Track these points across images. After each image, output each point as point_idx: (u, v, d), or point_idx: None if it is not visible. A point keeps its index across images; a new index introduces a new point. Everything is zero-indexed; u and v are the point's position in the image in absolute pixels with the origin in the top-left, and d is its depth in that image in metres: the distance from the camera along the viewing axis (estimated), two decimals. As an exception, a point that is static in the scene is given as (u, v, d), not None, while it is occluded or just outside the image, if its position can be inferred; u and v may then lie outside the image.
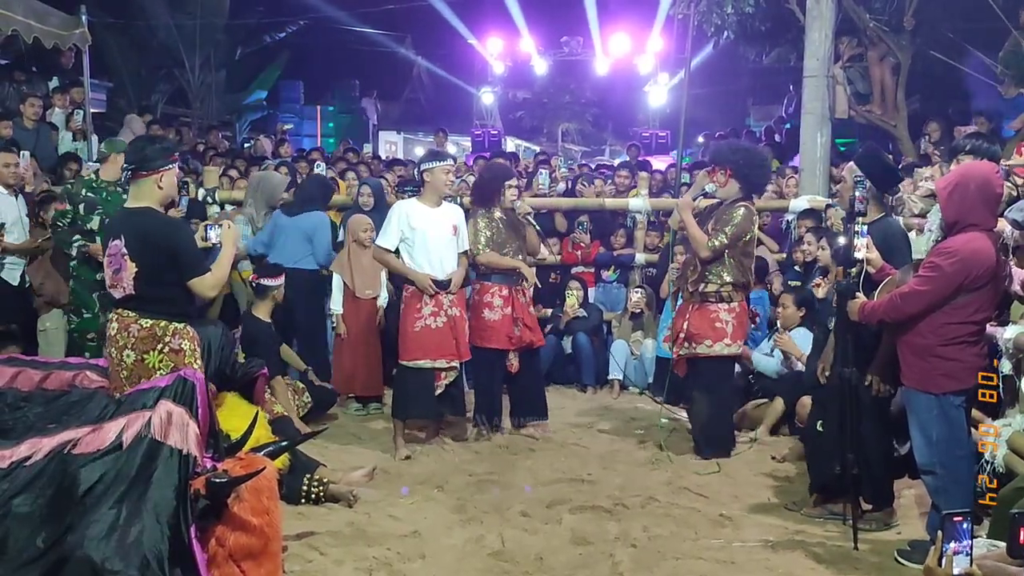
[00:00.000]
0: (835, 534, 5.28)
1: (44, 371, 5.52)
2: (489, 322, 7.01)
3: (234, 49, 20.29)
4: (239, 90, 21.17)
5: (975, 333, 4.66)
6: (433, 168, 6.73)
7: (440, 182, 6.76)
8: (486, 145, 18.73)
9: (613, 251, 9.30)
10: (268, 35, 21.04)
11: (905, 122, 10.16)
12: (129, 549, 3.93)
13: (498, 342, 7.03)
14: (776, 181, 9.46)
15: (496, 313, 7.01)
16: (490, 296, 7.03)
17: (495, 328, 7.00)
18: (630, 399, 8.59)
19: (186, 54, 19.32)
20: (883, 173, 5.27)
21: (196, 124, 18.55)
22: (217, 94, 20.43)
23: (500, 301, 7.01)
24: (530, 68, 21.38)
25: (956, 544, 3.12)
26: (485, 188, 7.22)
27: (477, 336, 7.05)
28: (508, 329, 7.01)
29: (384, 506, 5.65)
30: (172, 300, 4.79)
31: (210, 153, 12.61)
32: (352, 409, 7.84)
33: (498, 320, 7.00)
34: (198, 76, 19.68)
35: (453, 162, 7.20)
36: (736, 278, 6.69)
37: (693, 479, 6.31)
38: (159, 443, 4.17)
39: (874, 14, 9.94)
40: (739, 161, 6.68)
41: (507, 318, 7.00)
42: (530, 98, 28.99)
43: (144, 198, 4.81)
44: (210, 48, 19.46)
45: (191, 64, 19.47)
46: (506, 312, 7.00)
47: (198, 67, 19.59)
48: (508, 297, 7.02)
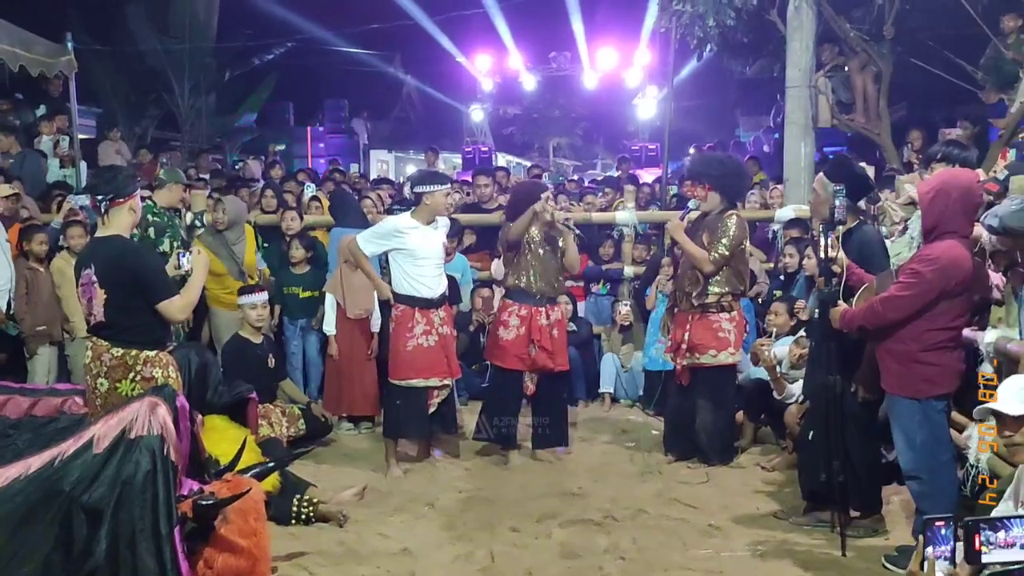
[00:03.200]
0: (823, 542, 5.31)
1: (33, 398, 5.57)
2: (502, 340, 6.91)
3: (223, 72, 20.25)
4: (229, 113, 21.14)
5: (954, 338, 4.72)
6: (434, 192, 6.71)
7: (440, 205, 6.80)
8: (476, 162, 18.70)
9: (602, 264, 9.33)
10: (256, 57, 20.98)
11: (888, 130, 10.20)
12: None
13: (506, 361, 6.92)
14: (760, 192, 9.51)
15: (511, 332, 6.89)
16: (507, 315, 6.94)
17: (506, 347, 6.89)
18: (621, 411, 8.61)
19: (175, 78, 19.28)
20: (854, 181, 5.33)
21: (187, 148, 18.57)
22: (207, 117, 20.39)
23: (516, 320, 6.89)
24: (519, 84, 21.45)
25: (937, 548, 3.14)
26: (522, 206, 6.98)
27: (491, 352, 7.08)
28: (521, 350, 6.88)
29: (374, 525, 5.67)
30: (142, 327, 4.81)
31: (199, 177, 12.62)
32: (344, 429, 7.84)
33: (511, 339, 6.88)
34: (187, 100, 19.64)
35: (451, 184, 7.18)
36: (735, 287, 6.76)
37: (683, 490, 6.34)
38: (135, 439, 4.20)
39: (854, 24, 10.00)
40: (714, 173, 6.76)
41: (521, 338, 6.87)
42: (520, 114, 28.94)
43: (115, 226, 4.84)
44: (198, 72, 19.42)
45: (180, 88, 19.42)
46: (521, 332, 6.87)
47: (187, 91, 19.57)
48: (526, 317, 6.89)
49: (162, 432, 4.26)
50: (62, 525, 4.12)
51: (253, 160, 15.30)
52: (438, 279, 6.79)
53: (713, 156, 7.36)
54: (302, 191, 10.41)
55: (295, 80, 22.94)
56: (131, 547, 4.06)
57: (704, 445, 6.88)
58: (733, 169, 6.95)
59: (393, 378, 6.75)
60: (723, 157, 7.32)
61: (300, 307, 8.33)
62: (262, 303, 7.39)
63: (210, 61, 19.56)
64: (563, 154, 30.64)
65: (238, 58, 20.54)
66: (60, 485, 4.16)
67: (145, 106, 19.64)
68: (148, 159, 13.07)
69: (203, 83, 19.67)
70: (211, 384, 5.88)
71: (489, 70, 20.48)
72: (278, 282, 8.34)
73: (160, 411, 4.31)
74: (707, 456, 6.85)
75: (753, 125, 20.47)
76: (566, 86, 24.38)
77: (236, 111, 21.42)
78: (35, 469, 4.25)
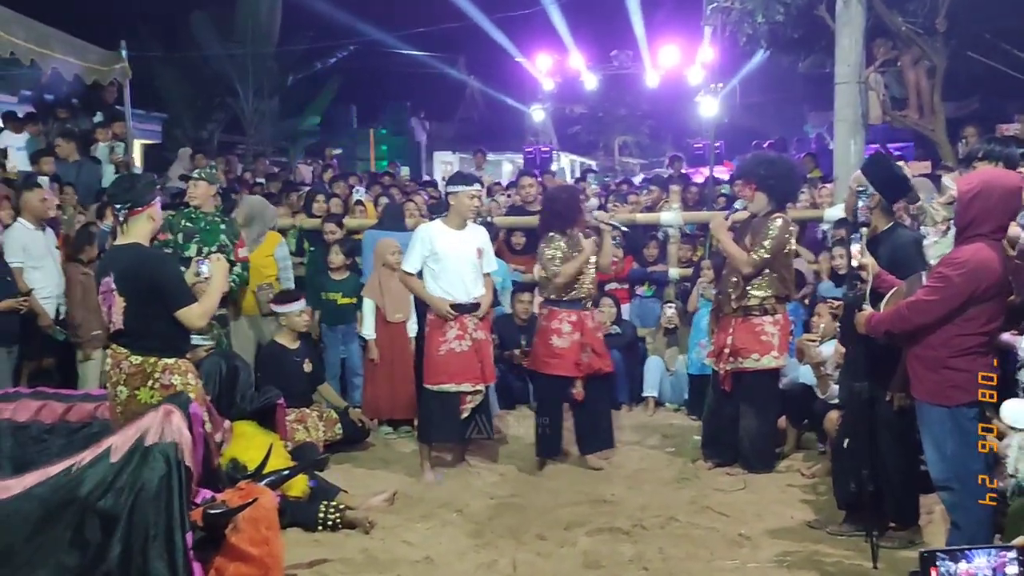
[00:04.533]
0: (854, 553, 5.17)
1: (67, 403, 5.66)
2: (557, 349, 6.84)
3: (286, 76, 20.56)
4: (292, 116, 21.46)
5: (986, 344, 4.53)
6: (458, 192, 6.70)
7: (464, 207, 6.71)
8: (537, 162, 18.68)
9: (647, 266, 9.21)
10: (319, 61, 21.28)
11: (943, 125, 9.91)
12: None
13: (565, 369, 6.86)
14: (810, 191, 9.31)
15: (565, 340, 6.83)
16: (559, 322, 6.87)
17: (563, 355, 6.83)
18: (665, 416, 8.51)
19: (239, 83, 19.63)
20: (890, 182, 5.15)
21: (251, 152, 18.85)
22: (271, 121, 20.74)
23: (569, 327, 6.84)
24: (580, 83, 21.31)
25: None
26: (564, 210, 6.91)
27: (542, 363, 6.96)
28: (576, 356, 6.84)
29: (400, 531, 5.65)
30: (161, 335, 4.79)
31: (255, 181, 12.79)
32: (383, 433, 7.84)
33: (567, 347, 6.83)
34: (251, 104, 19.99)
35: (480, 186, 7.10)
36: (778, 290, 6.62)
37: (717, 497, 6.22)
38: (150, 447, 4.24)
39: (907, 17, 9.73)
40: (761, 173, 6.61)
41: (576, 344, 6.83)
42: (586, 112, 28.87)
43: (134, 234, 4.86)
44: (262, 76, 19.75)
45: (244, 92, 19.78)
46: (575, 338, 6.83)
47: (251, 95, 19.89)
48: (577, 323, 6.85)
49: (177, 439, 4.29)
50: (76, 530, 4.19)
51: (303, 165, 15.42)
52: (471, 284, 6.72)
53: (764, 156, 7.18)
54: (349, 194, 10.44)
55: (358, 83, 23.14)
56: (144, 553, 4.11)
57: (746, 451, 6.75)
58: (782, 170, 6.75)
59: (426, 383, 6.74)
60: (773, 157, 7.13)
61: (338, 313, 8.29)
62: (303, 309, 7.44)
63: (273, 65, 19.88)
64: (629, 152, 30.50)
65: (301, 62, 20.83)
66: (76, 492, 4.21)
67: (210, 111, 20.06)
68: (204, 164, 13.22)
69: (266, 87, 20.01)
70: (240, 390, 5.94)
71: (550, 70, 20.36)
72: (317, 287, 8.34)
73: (175, 418, 4.34)
74: (749, 463, 6.72)
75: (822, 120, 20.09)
76: (629, 84, 24.23)
77: (300, 114, 21.71)
78: (52, 475, 4.31)
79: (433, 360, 6.69)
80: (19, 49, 7.25)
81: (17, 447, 5.30)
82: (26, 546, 4.17)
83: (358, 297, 8.06)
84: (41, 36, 7.70)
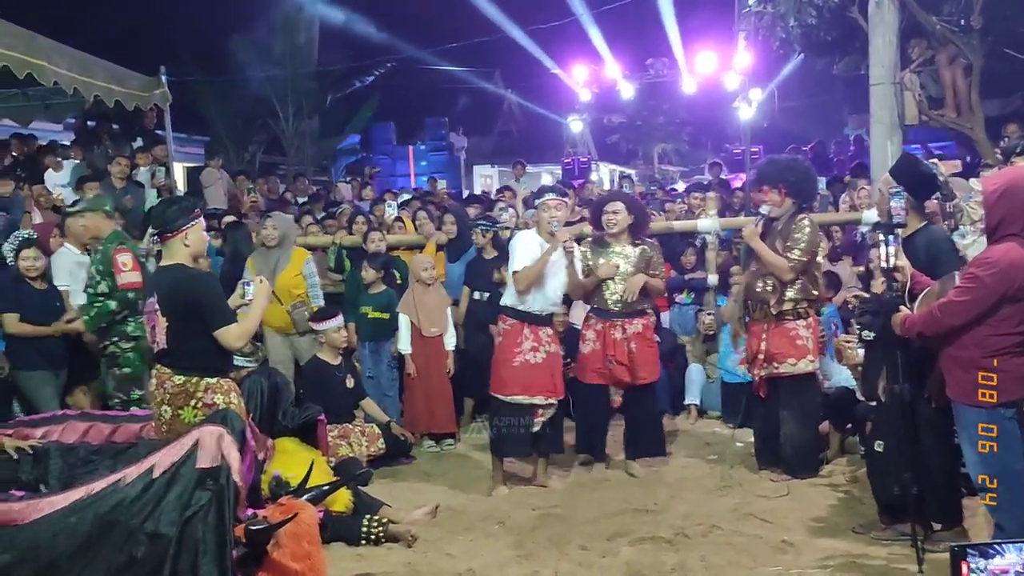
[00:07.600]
0: (899, 556, 5.10)
1: (113, 424, 5.78)
2: (581, 355, 6.98)
3: (325, 96, 20.79)
4: (333, 135, 21.67)
5: (1020, 343, 4.48)
6: (538, 203, 6.80)
7: (543, 219, 6.64)
8: (576, 172, 18.73)
9: (684, 273, 9.20)
10: (357, 79, 21.48)
11: (982, 124, 9.80)
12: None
13: (588, 376, 6.94)
14: (849, 194, 9.26)
15: (587, 347, 6.93)
16: (586, 329, 6.99)
17: (583, 362, 6.96)
18: (707, 424, 8.48)
19: (279, 104, 19.87)
20: (918, 182, 5.12)
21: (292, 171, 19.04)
22: (312, 141, 20.98)
23: (592, 335, 6.91)
24: (616, 93, 21.29)
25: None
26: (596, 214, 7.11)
27: (576, 368, 7.10)
28: (598, 364, 6.88)
29: (443, 544, 5.67)
30: (203, 354, 4.87)
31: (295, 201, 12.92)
32: (426, 447, 7.89)
33: (587, 354, 6.92)
34: (292, 124, 20.23)
35: (559, 196, 6.80)
36: (808, 293, 6.59)
37: (760, 504, 6.18)
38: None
39: (941, 16, 9.65)
40: (790, 178, 6.61)
41: (597, 353, 6.88)
42: (624, 122, 28.80)
43: (174, 256, 4.96)
44: (301, 96, 19.99)
45: (284, 113, 20.03)
46: (596, 347, 6.89)
47: (291, 116, 20.13)
48: (600, 332, 6.88)
49: (227, 459, 4.36)
50: (123, 551, 4.25)
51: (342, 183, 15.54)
52: (552, 296, 6.70)
53: (786, 160, 7.15)
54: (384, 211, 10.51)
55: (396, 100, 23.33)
56: (194, 570, 4.17)
57: (790, 457, 6.70)
58: (805, 174, 6.78)
59: (498, 392, 6.64)
60: (792, 160, 7.12)
61: (371, 328, 8.29)
62: (340, 325, 7.52)
63: (312, 85, 20.12)
64: (668, 160, 30.37)
65: (339, 81, 21.06)
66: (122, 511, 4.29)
67: (251, 132, 20.32)
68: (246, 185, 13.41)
69: (306, 107, 20.25)
70: (282, 407, 6.01)
71: (586, 80, 20.38)
72: (354, 303, 8.41)
73: (226, 439, 4.41)
74: (792, 469, 6.68)
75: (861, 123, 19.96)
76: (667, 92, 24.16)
77: (340, 133, 21.91)
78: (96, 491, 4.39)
79: (506, 370, 6.60)
80: (62, 78, 7.43)
81: (66, 468, 5.41)
82: (73, 562, 4.25)
83: (391, 313, 8.10)
84: (83, 64, 7.88)
